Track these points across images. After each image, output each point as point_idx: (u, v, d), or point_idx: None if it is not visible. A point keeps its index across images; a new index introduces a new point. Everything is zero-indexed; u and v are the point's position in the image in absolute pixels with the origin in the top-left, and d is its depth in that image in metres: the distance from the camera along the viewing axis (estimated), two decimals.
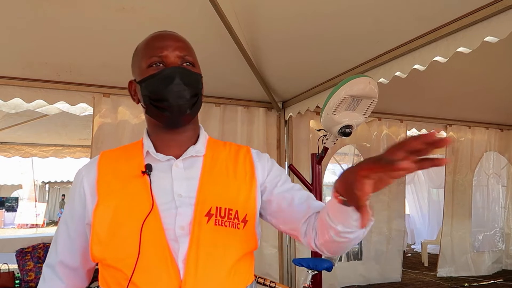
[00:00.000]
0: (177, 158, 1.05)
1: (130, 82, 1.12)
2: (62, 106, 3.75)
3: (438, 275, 6.00)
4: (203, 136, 1.13)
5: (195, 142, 1.10)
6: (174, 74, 0.99)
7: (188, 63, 1.04)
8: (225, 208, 0.99)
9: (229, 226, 0.98)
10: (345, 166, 5.81)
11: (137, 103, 1.11)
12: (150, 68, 1.01)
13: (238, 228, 0.99)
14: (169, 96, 0.98)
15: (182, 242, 0.94)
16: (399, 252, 5.80)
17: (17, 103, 3.64)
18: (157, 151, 1.06)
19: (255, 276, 1.11)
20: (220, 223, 0.97)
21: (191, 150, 1.07)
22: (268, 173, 1.11)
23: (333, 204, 0.87)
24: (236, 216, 0.99)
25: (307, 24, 2.66)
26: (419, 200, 9.80)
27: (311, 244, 1.04)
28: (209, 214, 0.97)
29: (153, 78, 1.00)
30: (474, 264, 6.10)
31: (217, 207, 0.99)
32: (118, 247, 0.94)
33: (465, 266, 6.05)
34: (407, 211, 9.85)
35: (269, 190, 1.09)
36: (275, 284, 2.75)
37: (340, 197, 0.82)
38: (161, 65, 1.01)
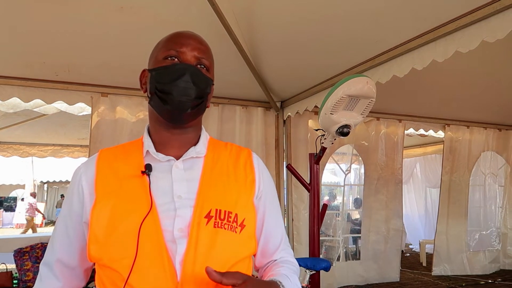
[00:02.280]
0: (177, 159, 1.05)
1: (144, 71, 1.12)
2: (60, 105, 3.75)
3: (433, 273, 6.03)
4: (204, 137, 1.12)
5: (196, 143, 1.09)
6: (184, 71, 1.00)
7: (203, 66, 1.05)
8: (225, 211, 0.98)
9: (228, 229, 0.97)
10: (343, 166, 5.81)
11: (144, 91, 1.11)
12: (165, 60, 1.02)
13: (236, 232, 0.98)
14: (174, 90, 0.98)
15: (180, 244, 0.94)
16: (397, 252, 5.81)
17: (15, 103, 3.64)
18: (157, 150, 1.05)
19: (253, 276, 1.11)
20: (219, 225, 0.97)
21: (192, 151, 1.06)
22: (262, 192, 1.11)
23: None
24: (235, 220, 0.99)
25: (306, 25, 2.66)
26: (417, 199, 9.82)
27: (257, 266, 1.16)
28: (208, 216, 0.97)
29: (165, 69, 1.01)
30: (470, 263, 6.12)
31: (216, 209, 0.98)
32: (115, 247, 0.93)
33: (460, 265, 6.08)
34: (405, 211, 9.88)
35: (257, 208, 1.09)
36: None
37: None
38: (176, 59, 1.02)
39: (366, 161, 5.58)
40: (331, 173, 8.81)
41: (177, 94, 0.98)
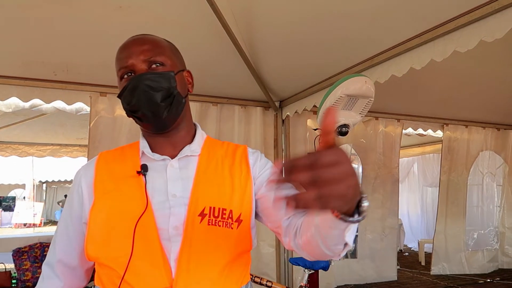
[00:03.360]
0: (172, 158, 1.06)
1: None
2: (58, 105, 3.75)
3: (431, 273, 6.05)
4: (200, 135, 1.13)
5: (190, 141, 1.10)
6: (137, 83, 0.97)
7: (157, 64, 1.01)
8: (219, 208, 0.99)
9: (222, 226, 0.98)
10: None
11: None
12: (122, 81, 1.02)
13: (232, 228, 0.99)
14: (140, 106, 0.98)
15: (175, 242, 0.96)
16: (393, 251, 5.83)
17: (13, 102, 3.63)
18: (152, 151, 1.07)
19: (252, 275, 1.12)
20: (213, 223, 0.98)
21: (186, 150, 1.07)
22: (261, 170, 1.11)
23: (327, 216, 0.75)
24: (230, 216, 0.99)
25: (305, 24, 2.66)
26: (414, 199, 9.82)
27: (290, 244, 0.99)
28: (202, 214, 0.98)
29: (124, 91, 1.00)
30: (468, 262, 6.14)
31: (210, 207, 0.99)
32: (111, 246, 0.95)
33: (459, 264, 6.09)
34: (402, 210, 9.88)
35: (259, 187, 1.09)
36: (272, 284, 2.75)
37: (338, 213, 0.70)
38: (131, 74, 1.00)
39: (364, 161, 5.59)
40: None
41: (144, 108, 0.98)
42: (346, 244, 0.83)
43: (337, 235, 0.79)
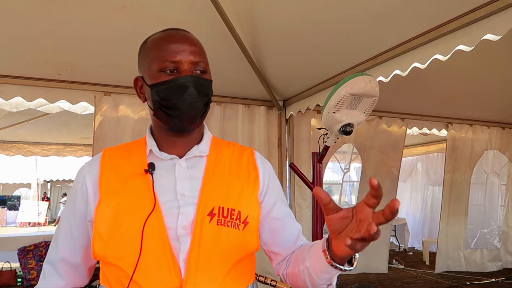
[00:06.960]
0: (180, 157, 1.05)
1: (137, 79, 1.09)
2: (63, 104, 3.76)
3: (435, 271, 6.04)
4: (207, 136, 1.13)
5: (199, 141, 1.10)
6: (188, 84, 0.96)
7: (202, 70, 1.01)
8: (228, 208, 0.99)
9: (231, 227, 0.98)
10: (343, 165, 5.80)
11: (143, 101, 1.09)
12: (162, 74, 0.98)
13: (239, 229, 0.99)
14: (182, 106, 0.97)
15: (183, 241, 0.95)
16: (386, 245, 5.86)
17: (18, 102, 3.64)
18: (160, 149, 1.06)
19: (256, 274, 1.12)
20: (222, 223, 0.97)
21: (195, 150, 1.07)
22: (268, 187, 1.11)
23: (319, 261, 0.91)
24: (238, 217, 0.99)
25: (308, 24, 2.65)
26: (418, 198, 9.79)
27: (280, 273, 1.12)
28: (211, 214, 0.98)
29: (166, 85, 0.97)
30: (471, 261, 6.13)
31: (219, 207, 0.99)
32: (119, 245, 0.94)
33: (462, 263, 6.09)
34: (406, 210, 9.86)
35: (265, 209, 1.09)
36: (276, 283, 2.75)
37: (330, 260, 0.88)
38: (174, 71, 0.98)
39: (367, 159, 5.57)
40: (331, 171, 8.84)
41: (186, 109, 0.97)
42: (330, 285, 0.98)
43: (326, 278, 0.94)
